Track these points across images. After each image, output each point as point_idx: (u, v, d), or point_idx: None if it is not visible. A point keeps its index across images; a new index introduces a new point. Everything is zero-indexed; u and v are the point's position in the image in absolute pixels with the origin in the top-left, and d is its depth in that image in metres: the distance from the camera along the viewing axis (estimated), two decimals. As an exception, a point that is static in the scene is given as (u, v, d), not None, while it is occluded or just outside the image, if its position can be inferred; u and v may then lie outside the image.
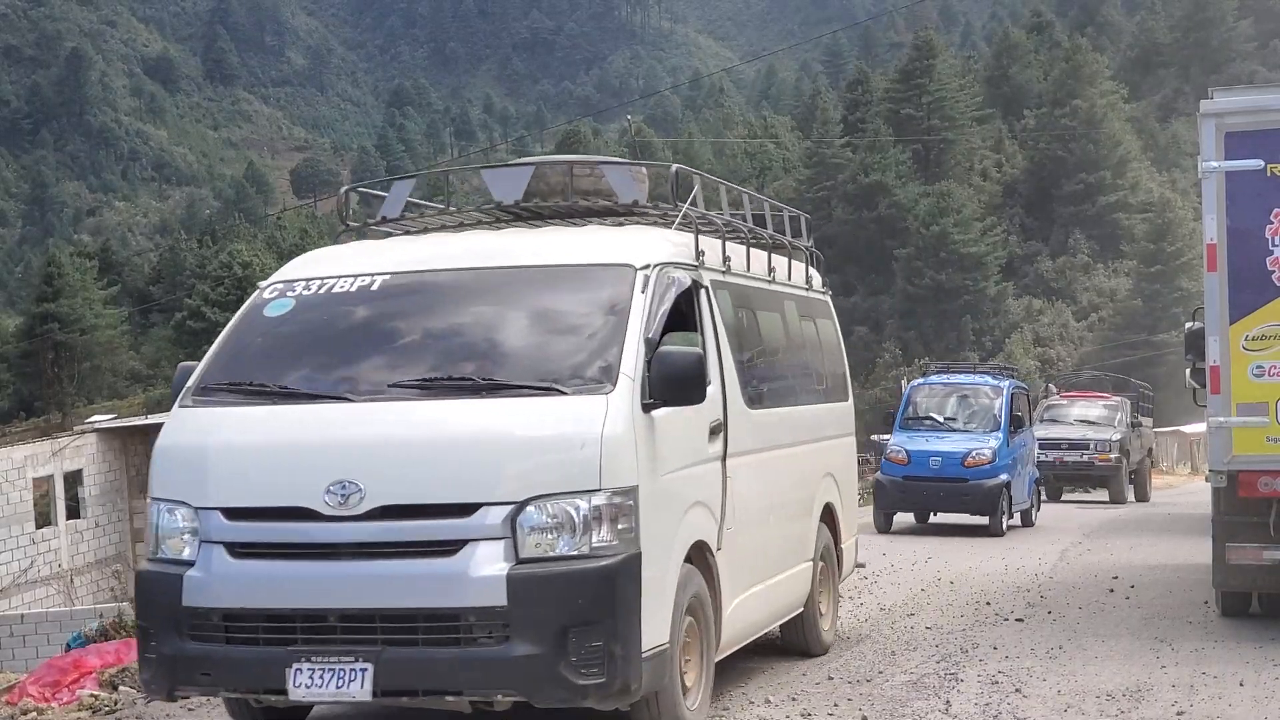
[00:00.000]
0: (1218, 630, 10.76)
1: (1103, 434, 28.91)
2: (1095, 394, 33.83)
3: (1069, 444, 28.49)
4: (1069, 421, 29.93)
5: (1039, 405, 30.63)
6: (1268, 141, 10.14)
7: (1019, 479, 21.15)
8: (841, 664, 9.63)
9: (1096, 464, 28.47)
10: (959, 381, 22.54)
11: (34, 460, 30.85)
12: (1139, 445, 30.90)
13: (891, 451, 21.07)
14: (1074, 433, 29.06)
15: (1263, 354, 10.11)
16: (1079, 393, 34.72)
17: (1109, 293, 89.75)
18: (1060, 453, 28.19)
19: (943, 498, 20.52)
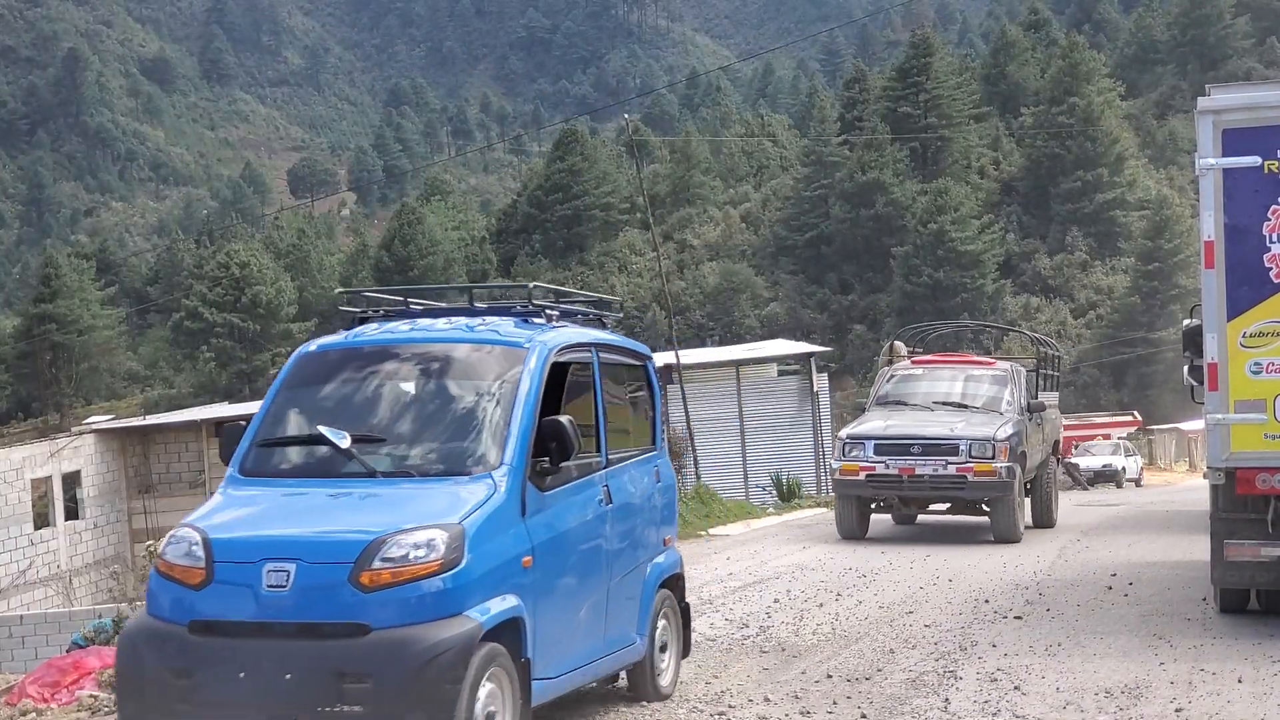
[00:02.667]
0: (1216, 627, 10.77)
1: (981, 428, 18.03)
2: (969, 358, 21.75)
3: (924, 445, 17.87)
4: (924, 405, 19.16)
5: (877, 379, 20.89)
6: (1265, 138, 10.15)
7: None
8: (840, 662, 9.63)
9: (971, 480, 17.62)
10: None
11: (32, 461, 30.85)
12: (1039, 441, 20.04)
13: None
14: (932, 425, 18.26)
15: (1260, 351, 10.11)
16: (943, 356, 21.98)
17: (1107, 290, 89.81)
18: (909, 460, 17.83)
19: None
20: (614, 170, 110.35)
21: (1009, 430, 17.99)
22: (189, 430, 34.49)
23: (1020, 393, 19.27)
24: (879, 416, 18.73)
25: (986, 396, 19.09)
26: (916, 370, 20.20)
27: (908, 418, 18.60)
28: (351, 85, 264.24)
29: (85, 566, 31.54)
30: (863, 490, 18.05)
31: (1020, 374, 19.88)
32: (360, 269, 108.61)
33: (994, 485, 17.59)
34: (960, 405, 18.96)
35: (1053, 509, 20.59)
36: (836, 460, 18.38)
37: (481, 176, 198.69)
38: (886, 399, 19.47)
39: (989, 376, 19.54)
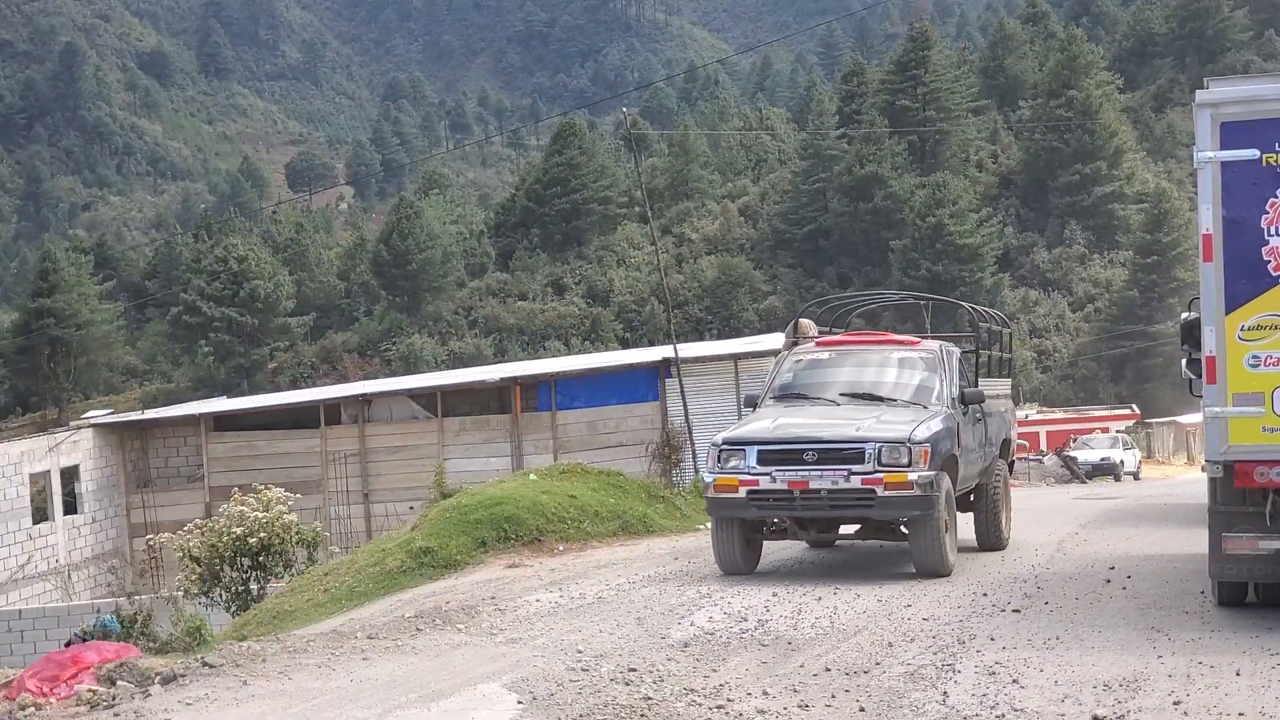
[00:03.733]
0: (1214, 620, 10.77)
1: (894, 426, 13.75)
2: (888, 337, 17.00)
3: (820, 451, 13.51)
4: (828, 398, 14.88)
5: (773, 366, 16.24)
6: (1263, 131, 10.14)
7: None
8: (839, 655, 9.64)
9: (880, 495, 13.35)
10: None
11: (30, 456, 30.88)
12: (979, 440, 15.73)
13: None
14: (833, 425, 13.98)
15: (1259, 344, 10.11)
16: (855, 335, 17.24)
17: (1105, 283, 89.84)
18: (802, 471, 13.46)
19: None
20: (612, 164, 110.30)
21: (933, 428, 13.72)
22: (187, 425, 34.50)
23: (952, 380, 15.01)
24: (769, 414, 14.49)
25: (908, 385, 14.96)
26: (821, 354, 15.63)
27: (804, 415, 14.33)
28: (349, 79, 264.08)
29: (84, 561, 31.58)
30: (744, 511, 13.61)
31: (953, 356, 15.57)
32: (358, 263, 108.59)
33: (910, 501, 13.21)
34: (874, 397, 14.65)
35: (1001, 525, 15.99)
36: (710, 472, 13.94)
37: (479, 170, 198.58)
38: (783, 391, 15.15)
39: (912, 360, 15.24)
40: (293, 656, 10.26)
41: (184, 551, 18.81)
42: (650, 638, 10.49)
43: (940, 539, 13.56)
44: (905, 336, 16.48)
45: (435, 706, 8.41)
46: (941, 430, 13.91)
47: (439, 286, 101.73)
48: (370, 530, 31.43)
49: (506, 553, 15.91)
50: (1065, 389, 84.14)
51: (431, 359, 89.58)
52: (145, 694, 9.29)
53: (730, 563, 14.03)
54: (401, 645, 10.65)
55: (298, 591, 15.91)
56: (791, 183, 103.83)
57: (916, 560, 13.74)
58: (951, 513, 14.00)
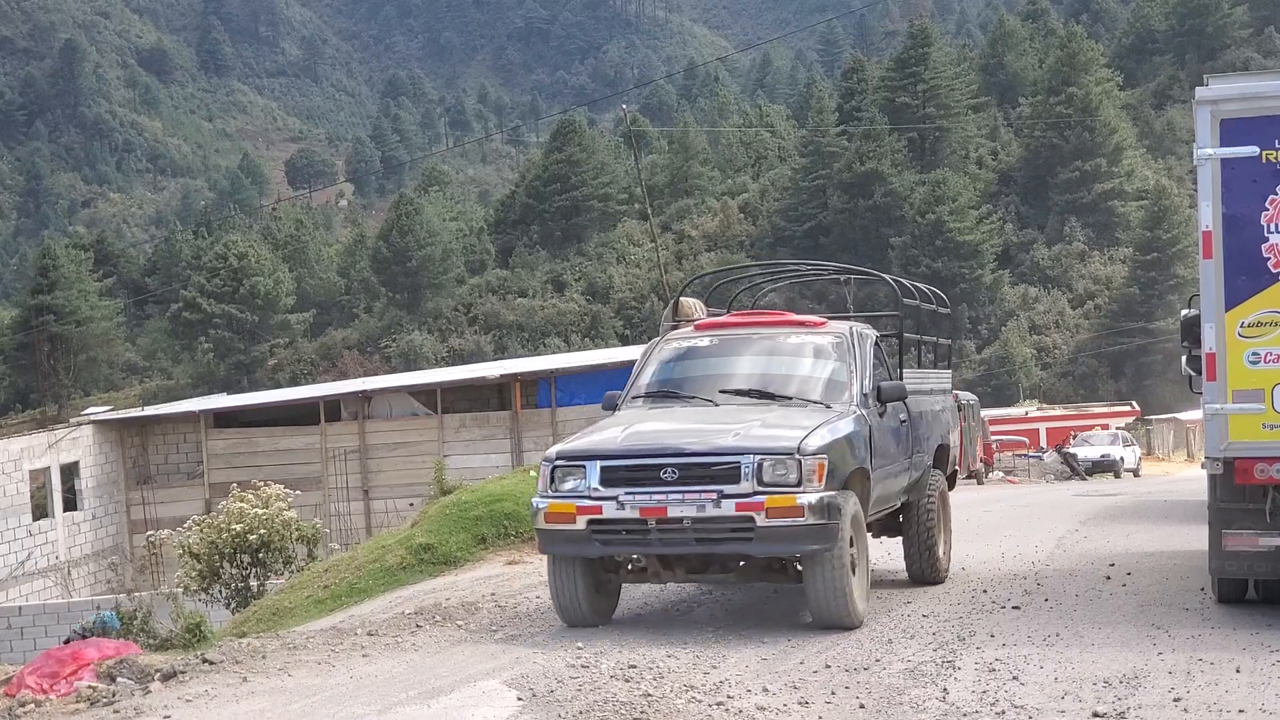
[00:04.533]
0: (1214, 617, 10.77)
1: (780, 431, 10.47)
2: (784, 317, 12.85)
3: (682, 467, 10.15)
4: (705, 396, 11.62)
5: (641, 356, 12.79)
6: (1263, 128, 10.13)
7: None
8: (839, 652, 9.64)
9: (761, 525, 9.98)
10: None
11: (30, 452, 30.88)
12: (905, 447, 12.45)
13: None
14: (702, 431, 10.65)
15: (1259, 340, 10.11)
16: (745, 315, 13.00)
17: (1105, 280, 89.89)
18: (659, 494, 10.13)
19: None
20: (612, 161, 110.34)
21: (833, 434, 10.48)
22: (187, 421, 34.52)
23: (866, 371, 11.65)
24: (624, 420, 11.18)
25: (808, 379, 11.62)
26: (699, 340, 12.19)
27: (668, 419, 11.07)
28: (349, 76, 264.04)
29: (84, 557, 31.60)
30: (584, 547, 10.31)
31: (867, 341, 12.08)
32: (358, 259, 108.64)
33: (801, 532, 9.92)
34: (763, 395, 11.38)
35: (938, 553, 12.80)
36: (541, 497, 10.45)
37: (479, 167, 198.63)
38: (649, 389, 11.82)
39: (813, 347, 11.89)
40: (292, 653, 10.27)
41: (184, 548, 18.82)
42: (650, 634, 10.49)
43: (843, 580, 10.19)
44: (807, 317, 12.62)
45: (435, 703, 8.41)
46: (846, 436, 10.62)
47: (439, 283, 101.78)
48: (370, 527, 31.45)
49: (506, 549, 15.90)
50: (1065, 386, 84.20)
51: (431, 356, 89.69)
52: (145, 691, 9.29)
53: (573, 612, 10.72)
54: (401, 642, 10.65)
55: (297, 588, 15.91)
56: (791, 180, 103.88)
57: (813, 607, 10.41)
58: (861, 544, 10.66)
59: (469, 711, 8.14)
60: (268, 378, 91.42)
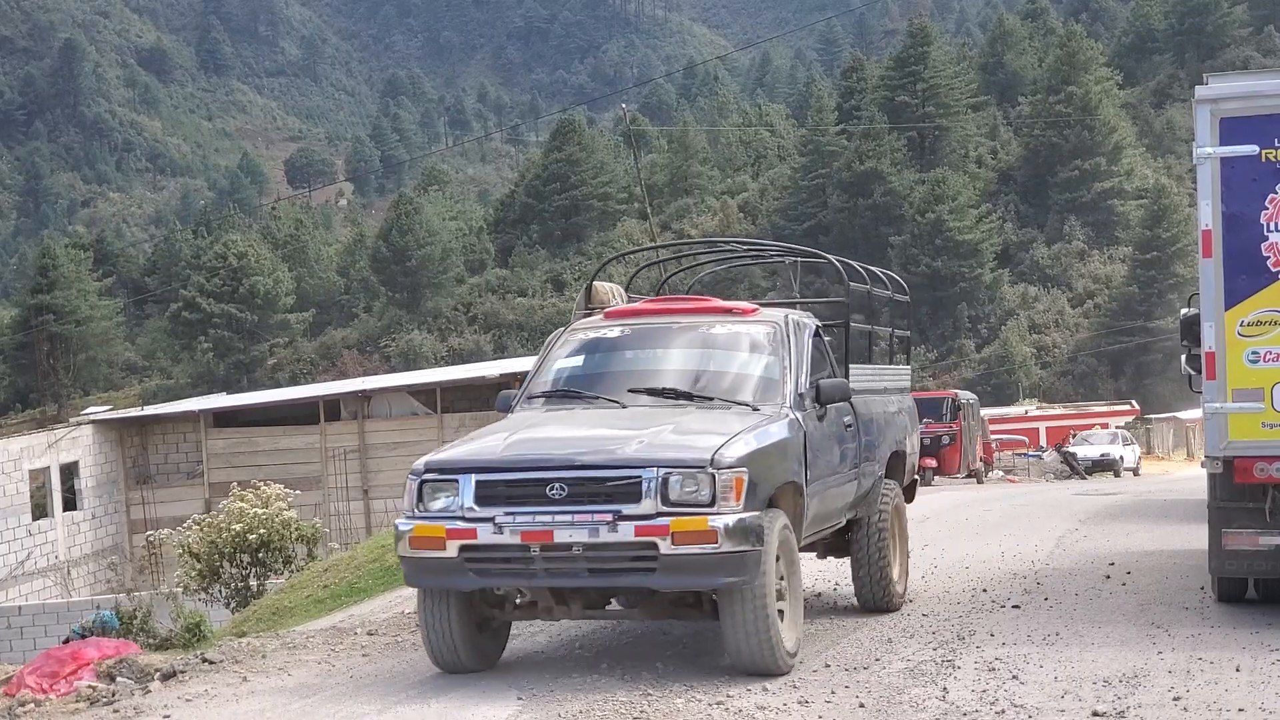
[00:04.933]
0: (1214, 616, 10.77)
1: (692, 439, 8.72)
2: (708, 303, 10.70)
3: (571, 481, 8.49)
4: (611, 397, 9.78)
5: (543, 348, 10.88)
6: (1263, 127, 10.13)
7: None
8: (839, 651, 9.64)
9: (665, 554, 8.28)
10: None
11: (30, 452, 30.88)
12: (849, 455, 10.53)
13: None
14: (598, 438, 8.86)
15: (1258, 339, 10.11)
16: (662, 302, 10.88)
17: (1104, 279, 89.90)
18: (544, 514, 8.44)
19: None
20: (611, 160, 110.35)
21: (757, 442, 8.85)
22: (187, 421, 34.51)
23: (803, 366, 9.96)
24: (512, 423, 9.59)
25: (733, 375, 9.93)
26: (609, 329, 10.41)
27: (562, 424, 9.43)
28: (349, 75, 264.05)
29: (83, 557, 31.60)
30: (456, 578, 8.65)
31: (805, 332, 10.34)
32: (357, 259, 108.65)
33: (715, 561, 8.28)
34: (680, 395, 9.65)
35: (890, 576, 11.17)
36: (407, 518, 8.81)
37: (479, 166, 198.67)
38: (548, 388, 10.09)
39: (741, 338, 10.13)
40: (292, 653, 10.27)
41: (183, 548, 18.82)
42: (650, 633, 10.48)
43: (766, 618, 8.50)
44: (735, 303, 10.71)
45: (435, 702, 8.41)
46: (775, 444, 9.01)
47: (438, 283, 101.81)
48: (370, 526, 31.46)
49: (506, 549, 15.87)
50: (1065, 385, 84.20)
51: (431, 355, 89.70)
52: (145, 690, 9.29)
53: (448, 656, 9.05)
54: (401, 641, 10.66)
55: (297, 588, 15.92)
56: (791, 179, 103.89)
57: (730, 650, 8.67)
58: (793, 573, 9.00)
59: (469, 711, 8.15)
60: (267, 377, 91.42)
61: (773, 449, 8.96)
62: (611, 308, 11.07)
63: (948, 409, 42.52)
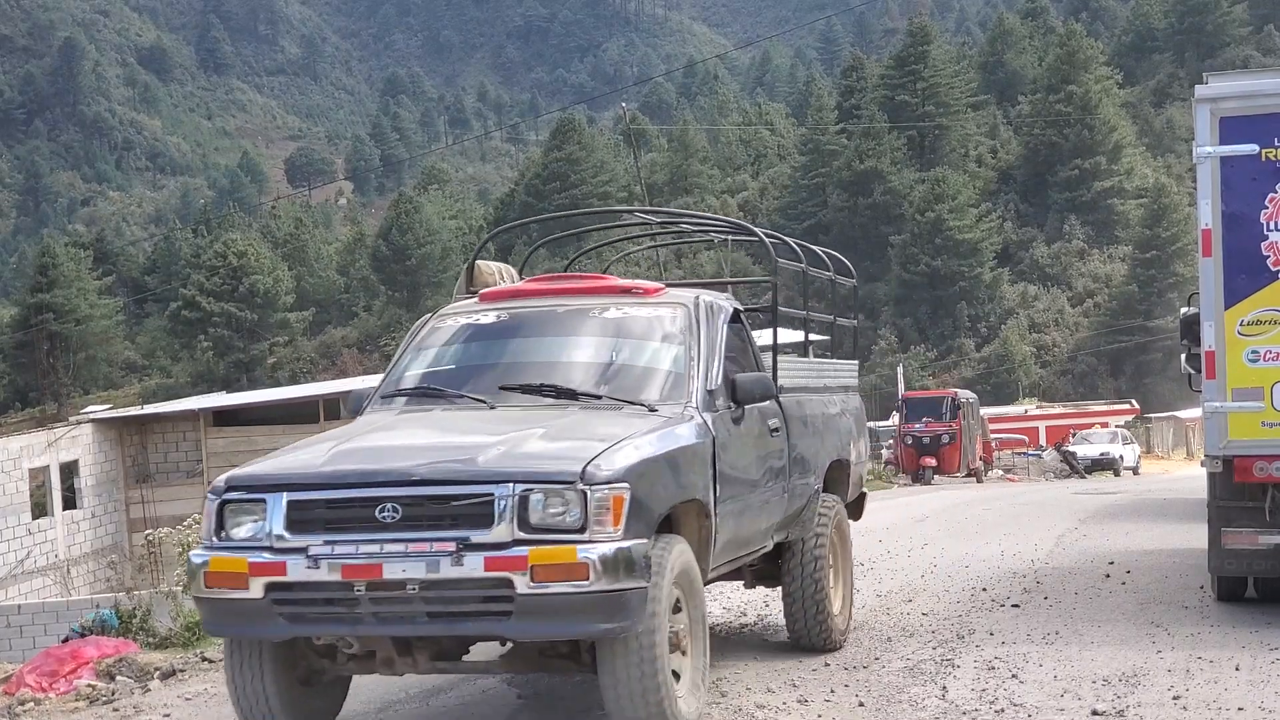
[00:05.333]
0: (1214, 615, 10.77)
1: (564, 444, 7.00)
2: (605, 281, 9.05)
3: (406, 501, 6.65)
4: (477, 396, 7.97)
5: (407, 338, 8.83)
6: (1263, 126, 10.13)
7: None
8: (838, 651, 9.64)
9: (523, 595, 6.47)
10: None
11: (29, 451, 30.86)
12: (775, 473, 8.75)
13: None
14: (448, 446, 7.12)
15: (1258, 339, 10.11)
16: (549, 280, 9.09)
17: (1104, 278, 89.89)
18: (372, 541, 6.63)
19: None
20: (611, 159, 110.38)
21: (649, 450, 7.14)
22: (186, 420, 34.50)
23: (715, 358, 8.28)
24: (353, 429, 7.92)
25: (628, 369, 8.22)
26: (483, 315, 8.70)
27: (412, 428, 7.78)
28: (348, 74, 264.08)
29: (83, 556, 31.58)
30: (263, 625, 6.91)
31: (719, 317, 8.62)
32: (357, 258, 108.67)
33: (584, 603, 6.57)
34: (563, 393, 7.89)
35: (829, 609, 9.39)
36: (204, 548, 7.05)
37: (479, 165, 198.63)
38: (407, 384, 8.33)
39: (640, 324, 8.43)
40: (292, 651, 10.26)
41: (183, 547, 18.80)
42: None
43: (654, 675, 6.80)
44: (636, 282, 8.82)
45: (435, 701, 8.42)
46: (670, 454, 7.22)
47: (438, 281, 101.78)
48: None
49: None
50: (1064, 384, 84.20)
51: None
52: (144, 689, 9.30)
53: (259, 717, 7.27)
54: (401, 640, 10.64)
55: (297, 586, 15.88)
56: (791, 178, 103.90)
57: (610, 708, 6.94)
58: (695, 614, 7.25)
59: (469, 710, 8.15)
60: (267, 376, 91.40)
61: (668, 459, 7.14)
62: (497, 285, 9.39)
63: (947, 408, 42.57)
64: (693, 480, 7.37)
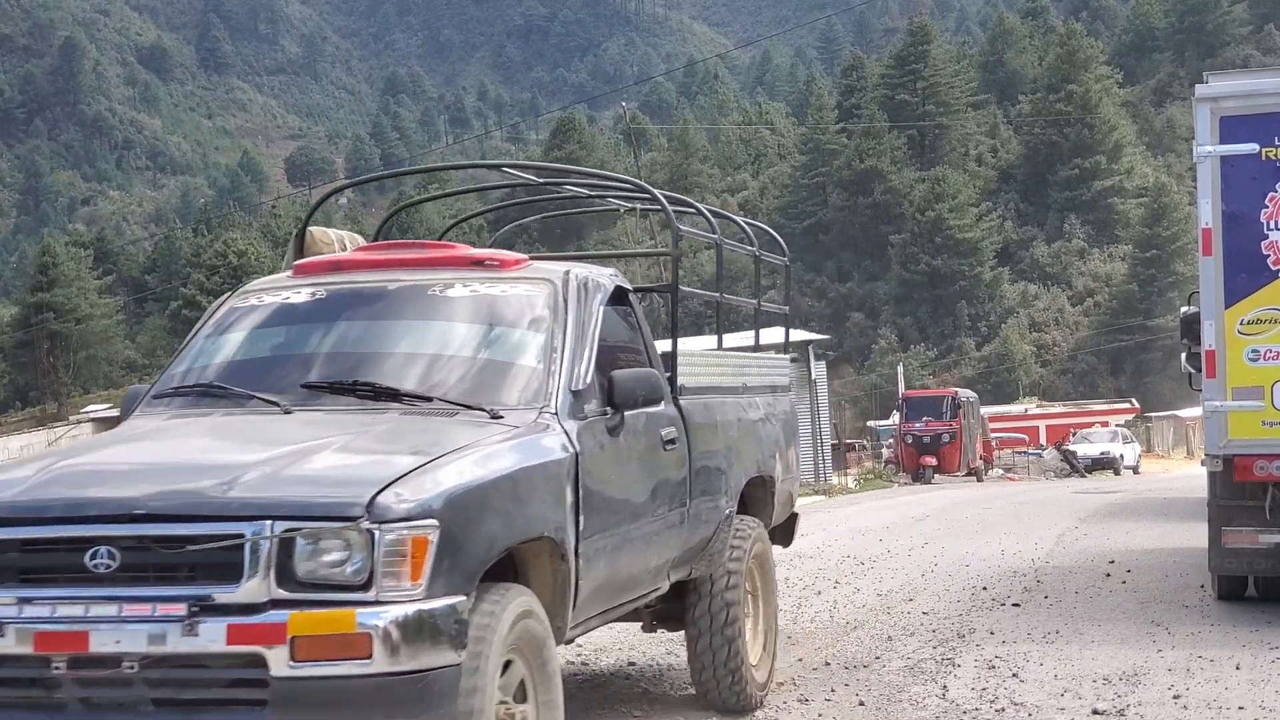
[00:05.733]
0: (1214, 614, 10.77)
1: (361, 463, 5.04)
2: (445, 250, 6.91)
3: (129, 546, 4.70)
4: (271, 395, 5.96)
5: (208, 312, 7.05)
6: (1263, 125, 10.14)
7: None
8: (839, 650, 9.64)
9: (280, 678, 4.55)
10: None
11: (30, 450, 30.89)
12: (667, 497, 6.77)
13: None
14: (199, 466, 5.12)
15: (1258, 338, 10.11)
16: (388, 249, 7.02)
17: (1104, 277, 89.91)
18: (71, 607, 4.69)
19: None
20: (611, 158, 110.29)
21: (473, 473, 5.11)
22: (187, 419, 34.49)
23: (584, 350, 6.32)
24: (86, 444, 6.34)
25: (466, 364, 6.21)
26: (296, 291, 6.70)
27: (162, 439, 5.68)
28: (349, 74, 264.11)
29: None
30: None
31: (595, 297, 6.66)
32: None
33: (367, 692, 4.58)
34: (382, 392, 5.90)
35: (742, 659, 7.55)
36: None
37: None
38: (189, 380, 6.39)
39: (490, 306, 6.43)
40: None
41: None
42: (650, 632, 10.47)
43: None
44: (493, 252, 6.88)
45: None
46: (508, 477, 5.36)
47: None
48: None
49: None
50: (1065, 383, 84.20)
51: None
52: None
53: None
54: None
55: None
56: (791, 177, 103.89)
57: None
58: (545, 699, 5.41)
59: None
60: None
61: (505, 483, 5.22)
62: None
63: (948, 407, 42.60)
64: (541, 512, 5.41)
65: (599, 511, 5.93)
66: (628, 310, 7.05)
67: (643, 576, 6.62)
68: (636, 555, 6.43)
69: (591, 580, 5.88)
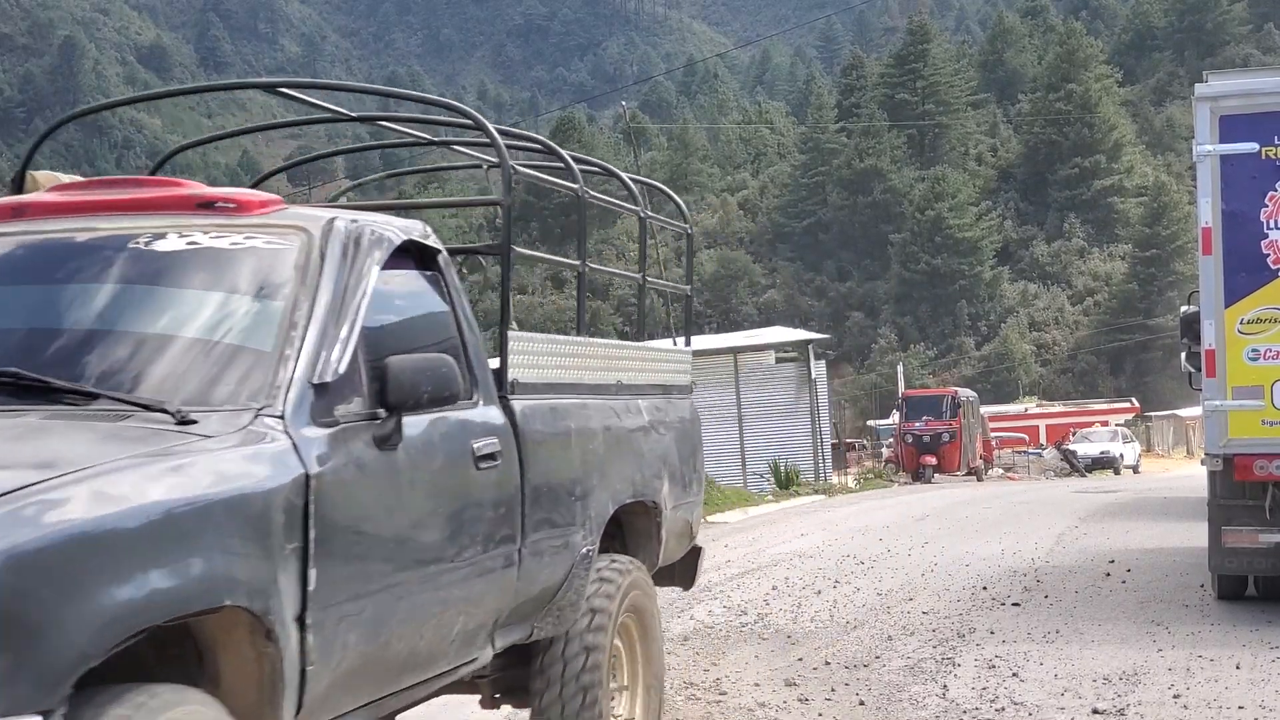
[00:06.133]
0: (1214, 614, 10.77)
1: None
2: (184, 192, 4.84)
3: None
4: None
5: None
6: (1262, 124, 10.14)
7: None
8: (839, 649, 9.64)
9: None
10: None
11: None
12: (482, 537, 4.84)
13: None
14: None
15: (1258, 337, 10.11)
16: (87, 188, 5.07)
17: (1104, 277, 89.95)
18: None
19: None
20: (611, 158, 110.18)
21: (86, 508, 3.17)
22: (187, 418, 34.47)
23: (346, 327, 4.31)
24: None
25: (171, 346, 4.19)
26: None
27: None
28: (349, 73, 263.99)
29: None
30: None
31: (371, 254, 4.63)
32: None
33: None
34: (32, 385, 3.91)
35: None
36: None
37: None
38: None
39: (211, 263, 4.41)
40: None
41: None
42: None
43: None
44: (231, 191, 4.99)
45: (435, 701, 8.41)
46: (150, 518, 3.32)
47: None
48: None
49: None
50: (1065, 382, 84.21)
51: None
52: (145, 688, 9.25)
53: None
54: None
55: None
56: (791, 176, 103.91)
57: None
58: None
59: (468, 709, 8.15)
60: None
61: (136, 529, 3.32)
62: None
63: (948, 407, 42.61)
64: (225, 568, 3.55)
65: (349, 559, 4.07)
66: (436, 277, 5.24)
67: (441, 647, 4.73)
68: (426, 619, 4.53)
69: (336, 663, 4.03)
